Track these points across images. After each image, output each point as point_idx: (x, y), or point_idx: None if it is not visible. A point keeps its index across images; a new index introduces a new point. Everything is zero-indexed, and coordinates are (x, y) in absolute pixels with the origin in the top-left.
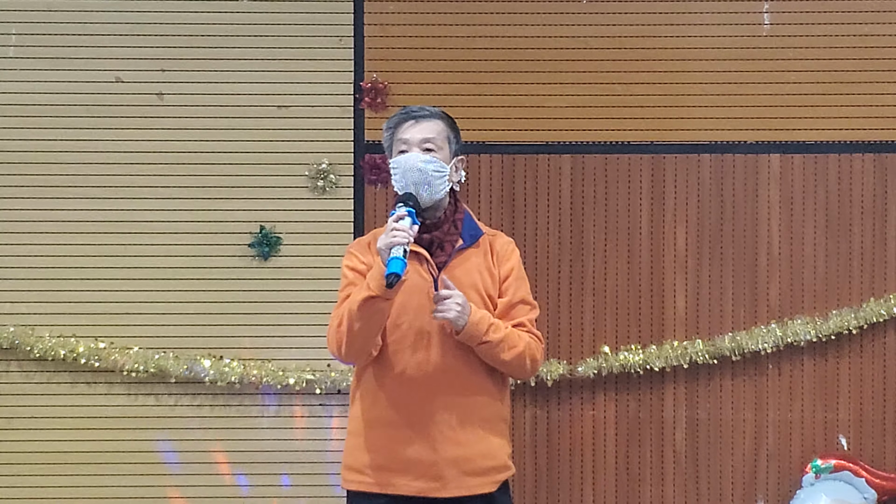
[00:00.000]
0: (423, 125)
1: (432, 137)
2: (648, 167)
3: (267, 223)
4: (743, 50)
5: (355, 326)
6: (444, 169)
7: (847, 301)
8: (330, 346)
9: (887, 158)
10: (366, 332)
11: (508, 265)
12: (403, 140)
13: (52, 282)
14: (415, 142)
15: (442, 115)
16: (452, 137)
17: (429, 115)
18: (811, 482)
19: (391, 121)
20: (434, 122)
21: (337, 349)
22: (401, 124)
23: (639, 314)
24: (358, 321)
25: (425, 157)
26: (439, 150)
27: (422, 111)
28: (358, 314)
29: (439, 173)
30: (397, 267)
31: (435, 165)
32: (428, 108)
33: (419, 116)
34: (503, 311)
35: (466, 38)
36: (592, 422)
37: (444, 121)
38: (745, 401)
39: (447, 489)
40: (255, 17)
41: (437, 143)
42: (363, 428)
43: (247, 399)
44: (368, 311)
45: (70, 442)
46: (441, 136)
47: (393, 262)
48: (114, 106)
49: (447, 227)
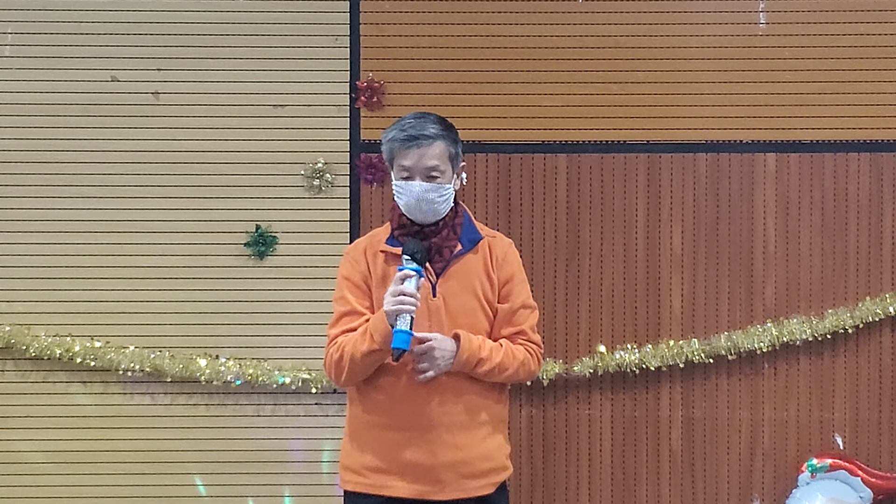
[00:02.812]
0: (426, 153)
1: (436, 165)
2: (644, 166)
3: (263, 222)
4: (739, 49)
5: (357, 369)
6: (448, 191)
7: (843, 300)
8: (328, 371)
9: (883, 158)
10: (366, 372)
11: (508, 269)
12: (406, 167)
13: (47, 281)
14: (418, 171)
15: (443, 133)
16: (454, 152)
17: (430, 139)
18: (807, 481)
19: (392, 138)
20: (436, 146)
21: (336, 379)
22: (402, 149)
23: (635, 313)
24: (359, 365)
25: (430, 187)
26: (443, 175)
27: (423, 136)
28: (361, 362)
29: (444, 197)
30: (403, 342)
31: (439, 192)
32: (429, 131)
33: (422, 143)
34: (505, 317)
35: (462, 37)
36: (588, 421)
37: (445, 140)
38: (741, 400)
39: (445, 492)
40: (251, 17)
41: (440, 170)
42: (360, 429)
43: (242, 398)
44: (371, 360)
45: (66, 441)
46: (443, 159)
47: (399, 337)
48: (109, 105)
49: (446, 233)
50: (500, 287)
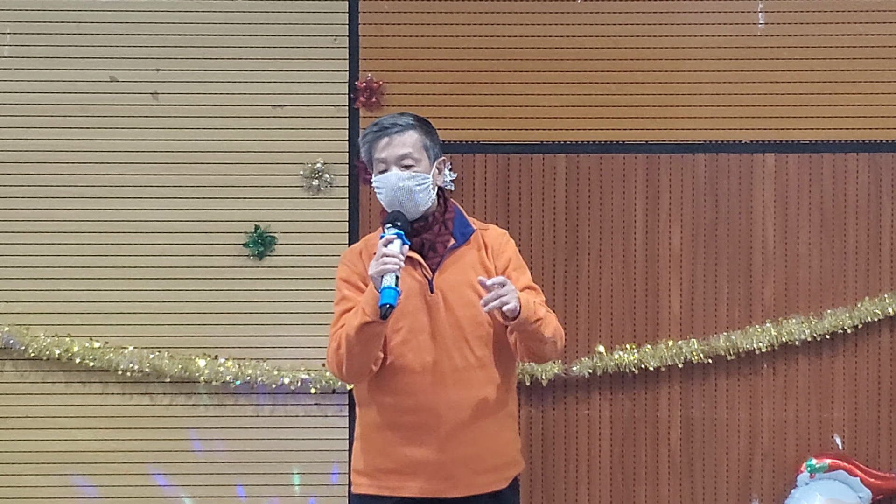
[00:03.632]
0: (397, 140)
1: (409, 153)
2: (643, 167)
3: (262, 223)
4: (738, 49)
5: (354, 350)
6: (425, 180)
7: (842, 300)
8: (331, 367)
9: (882, 158)
10: (365, 354)
11: (505, 256)
12: (381, 159)
13: (46, 281)
14: (392, 160)
15: (414, 124)
16: (429, 143)
17: (401, 128)
18: (806, 481)
19: (366, 136)
20: (407, 135)
21: (338, 370)
22: (376, 142)
23: (633, 313)
24: (356, 345)
25: (405, 175)
26: (418, 163)
27: (394, 126)
28: (356, 339)
29: (422, 186)
30: (390, 297)
31: (416, 180)
32: (400, 121)
33: (392, 133)
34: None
35: (461, 37)
36: (587, 421)
37: (417, 130)
38: (739, 400)
39: (457, 489)
40: (250, 17)
41: (414, 157)
42: (370, 432)
43: (241, 399)
44: (365, 335)
45: (64, 441)
46: (417, 147)
47: (385, 293)
48: (108, 105)
49: (437, 229)
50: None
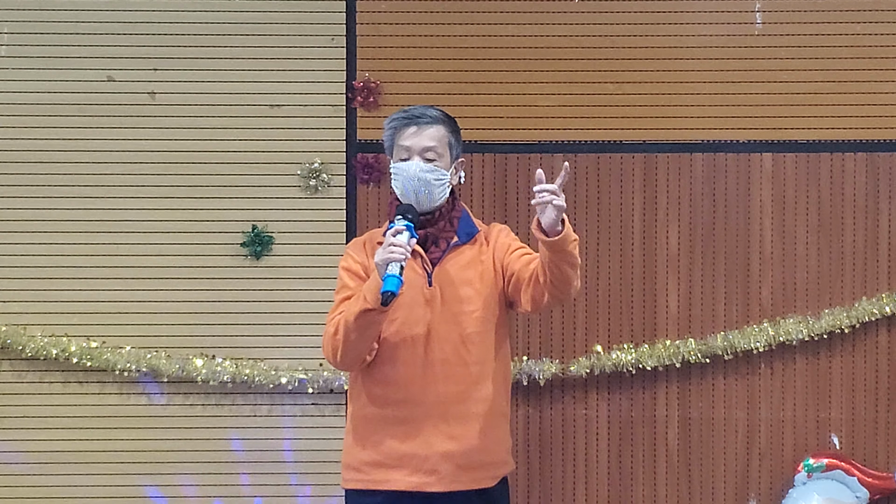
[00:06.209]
0: (425, 132)
1: (434, 146)
2: (640, 166)
3: (259, 222)
4: (735, 49)
5: (351, 337)
6: (444, 176)
7: (839, 300)
8: (325, 352)
9: (879, 158)
10: (361, 342)
11: (504, 241)
12: (405, 147)
13: (43, 281)
14: (416, 150)
15: (444, 119)
16: (454, 141)
17: (431, 120)
18: (803, 481)
19: (393, 121)
20: (436, 129)
21: (332, 356)
22: (402, 129)
23: (631, 313)
24: (354, 332)
25: (426, 167)
26: (440, 158)
27: (424, 116)
28: (354, 325)
29: (440, 181)
30: (393, 285)
31: (436, 174)
32: (430, 113)
33: (421, 122)
34: (519, 261)
35: (459, 37)
36: (585, 421)
37: (445, 126)
38: (737, 400)
39: (441, 483)
40: (247, 17)
41: (438, 151)
42: (360, 425)
43: (239, 398)
44: (364, 322)
45: (62, 441)
46: (442, 142)
47: (389, 280)
48: (106, 105)
49: (443, 224)
50: (502, 261)
